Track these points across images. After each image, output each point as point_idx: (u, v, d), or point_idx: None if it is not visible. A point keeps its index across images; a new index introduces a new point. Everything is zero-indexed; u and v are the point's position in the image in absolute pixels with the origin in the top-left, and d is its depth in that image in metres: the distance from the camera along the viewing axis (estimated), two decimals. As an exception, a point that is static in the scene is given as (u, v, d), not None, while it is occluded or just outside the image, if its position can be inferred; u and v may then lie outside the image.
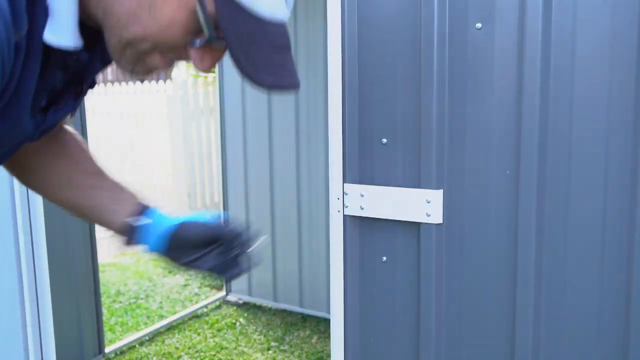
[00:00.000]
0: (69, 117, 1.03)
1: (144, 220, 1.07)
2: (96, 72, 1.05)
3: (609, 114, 1.12)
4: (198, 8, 0.82)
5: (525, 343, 1.23)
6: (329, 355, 3.72)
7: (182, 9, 0.83)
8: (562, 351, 1.22)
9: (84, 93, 1.01)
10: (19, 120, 0.86)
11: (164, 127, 6.88)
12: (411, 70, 1.26)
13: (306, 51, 3.84)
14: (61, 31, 0.81)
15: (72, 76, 0.94)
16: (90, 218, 1.19)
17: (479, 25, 1.20)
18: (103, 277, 5.16)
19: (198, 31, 0.85)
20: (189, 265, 1.04)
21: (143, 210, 1.10)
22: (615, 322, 1.16)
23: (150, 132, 7.23)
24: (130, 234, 1.09)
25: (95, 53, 0.99)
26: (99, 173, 1.20)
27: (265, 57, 0.86)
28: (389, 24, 1.28)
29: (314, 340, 3.86)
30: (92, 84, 1.04)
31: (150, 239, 1.10)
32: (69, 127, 1.23)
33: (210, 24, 0.84)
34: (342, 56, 1.32)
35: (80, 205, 1.19)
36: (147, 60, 0.89)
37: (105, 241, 6.37)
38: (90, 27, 0.90)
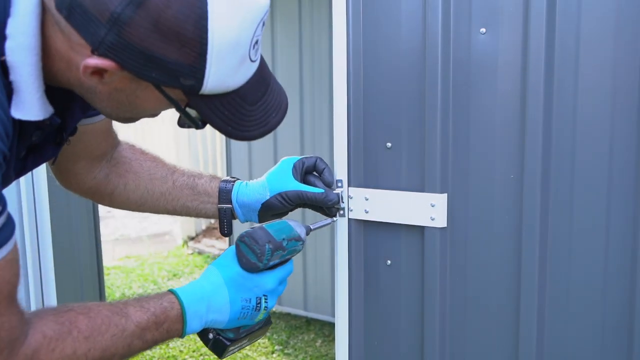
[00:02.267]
0: (51, 161, 1.07)
1: (227, 205, 1.28)
2: (76, 121, 1.08)
3: (613, 118, 1.12)
4: (172, 103, 0.89)
5: (529, 346, 1.23)
6: (333, 359, 3.72)
7: (160, 102, 0.89)
8: (566, 354, 1.22)
9: (64, 141, 1.04)
10: (8, 176, 0.90)
11: (168, 128, 6.90)
12: (416, 74, 1.27)
13: (311, 52, 3.85)
14: (26, 107, 0.83)
15: (49, 132, 0.97)
16: (181, 215, 1.36)
17: (483, 30, 1.21)
18: (108, 280, 5.18)
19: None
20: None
21: (224, 195, 1.28)
22: (619, 324, 1.16)
23: (154, 133, 7.25)
24: (221, 218, 1.29)
25: (73, 106, 1.02)
26: (169, 174, 1.32)
27: (249, 116, 0.92)
28: (394, 28, 1.28)
29: (318, 344, 3.86)
30: (73, 132, 1.07)
31: (241, 217, 1.31)
32: (121, 141, 1.32)
33: (187, 112, 0.92)
34: (347, 60, 1.33)
35: (167, 210, 1.32)
36: (137, 119, 0.98)
37: (110, 244, 6.40)
38: (63, 88, 0.92)
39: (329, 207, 1.29)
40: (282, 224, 1.16)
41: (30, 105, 0.83)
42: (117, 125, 1.27)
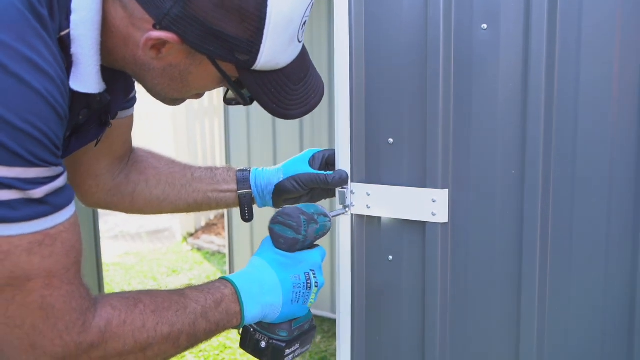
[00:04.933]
0: (93, 143, 1.10)
1: (247, 190, 1.32)
2: (119, 104, 1.12)
3: (615, 113, 1.13)
4: (224, 78, 0.93)
5: (530, 341, 1.24)
6: (332, 355, 3.72)
7: (211, 78, 0.93)
8: (567, 349, 1.23)
9: (108, 124, 1.08)
10: None
11: (168, 126, 6.89)
12: (417, 70, 1.27)
13: (310, 46, 3.84)
14: (84, 79, 0.87)
15: (96, 112, 1.00)
16: (201, 209, 1.37)
17: (484, 26, 1.21)
18: (107, 276, 5.18)
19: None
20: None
21: (242, 181, 1.32)
22: (620, 321, 1.17)
23: (154, 131, 7.24)
24: (242, 204, 1.32)
25: (117, 89, 1.05)
26: (186, 168, 1.37)
27: (292, 95, 0.97)
28: (396, 24, 1.28)
29: (317, 340, 3.87)
30: (115, 115, 1.11)
31: (259, 201, 1.35)
32: (135, 147, 1.36)
33: (237, 88, 0.96)
34: (349, 56, 1.33)
35: (188, 203, 1.36)
36: (185, 98, 1.01)
37: (110, 240, 6.40)
38: (111, 68, 0.95)
39: (338, 187, 1.33)
40: (306, 204, 1.20)
41: (88, 78, 0.86)
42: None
